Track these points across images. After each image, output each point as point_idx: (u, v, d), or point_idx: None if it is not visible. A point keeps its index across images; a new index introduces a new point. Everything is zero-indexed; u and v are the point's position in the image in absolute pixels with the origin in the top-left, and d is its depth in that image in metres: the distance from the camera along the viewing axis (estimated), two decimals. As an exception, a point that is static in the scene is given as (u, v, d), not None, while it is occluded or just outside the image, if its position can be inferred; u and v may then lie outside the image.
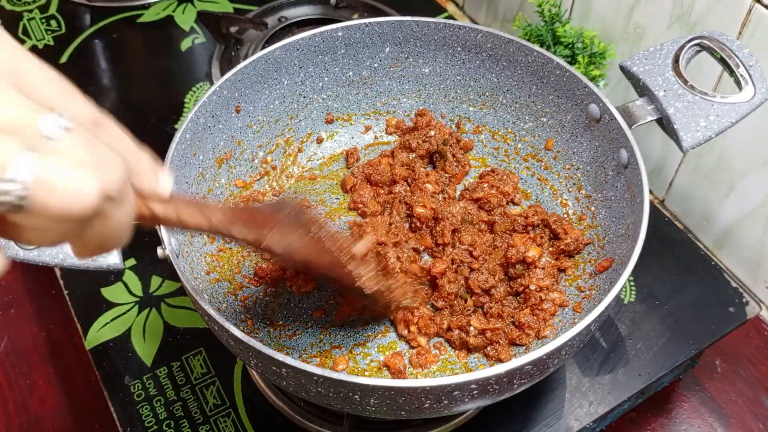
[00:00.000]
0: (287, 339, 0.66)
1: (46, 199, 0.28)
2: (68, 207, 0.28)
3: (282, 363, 0.49)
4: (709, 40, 0.65)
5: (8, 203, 0.27)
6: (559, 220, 0.71)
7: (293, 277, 0.70)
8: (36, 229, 0.29)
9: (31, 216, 0.28)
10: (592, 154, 0.71)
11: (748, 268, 0.86)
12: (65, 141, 0.29)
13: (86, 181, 0.28)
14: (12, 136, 0.27)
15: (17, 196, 0.27)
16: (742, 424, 0.76)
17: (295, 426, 0.68)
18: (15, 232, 0.29)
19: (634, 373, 0.71)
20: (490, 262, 0.69)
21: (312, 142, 0.81)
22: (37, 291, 0.87)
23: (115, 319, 0.75)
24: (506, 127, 0.79)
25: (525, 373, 0.51)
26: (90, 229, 0.31)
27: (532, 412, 0.68)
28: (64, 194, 0.28)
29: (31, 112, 0.28)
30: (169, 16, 1.09)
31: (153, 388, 0.70)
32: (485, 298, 0.67)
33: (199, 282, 0.64)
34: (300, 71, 0.75)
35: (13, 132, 0.27)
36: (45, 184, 0.27)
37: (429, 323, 0.66)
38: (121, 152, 0.33)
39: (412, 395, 0.49)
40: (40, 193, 0.27)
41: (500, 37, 0.73)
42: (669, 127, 0.64)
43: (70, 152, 0.29)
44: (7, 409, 0.77)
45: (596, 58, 0.88)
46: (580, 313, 0.65)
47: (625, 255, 0.58)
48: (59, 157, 0.28)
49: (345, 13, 1.07)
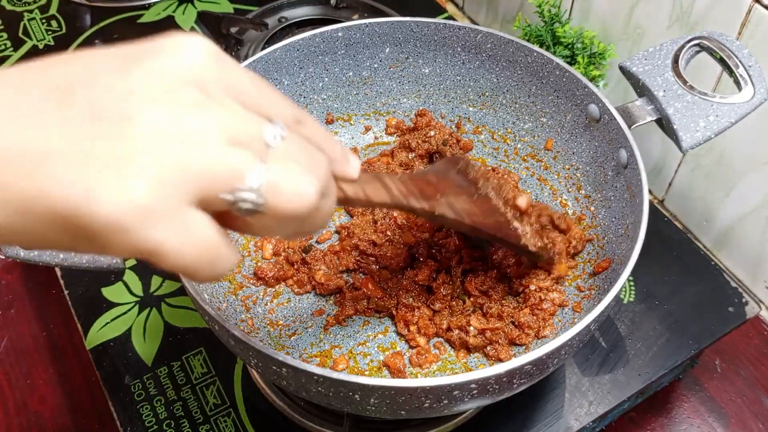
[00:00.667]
0: (287, 339, 0.66)
1: (276, 203, 0.31)
2: (295, 209, 0.32)
3: (282, 363, 0.49)
4: (709, 41, 0.65)
5: (245, 210, 0.31)
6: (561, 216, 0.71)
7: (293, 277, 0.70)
8: (263, 227, 0.33)
9: (262, 218, 0.31)
10: (592, 154, 0.71)
11: (747, 268, 0.86)
12: (283, 147, 0.32)
13: (307, 184, 0.32)
14: (245, 148, 0.30)
15: (253, 203, 0.30)
16: (741, 424, 0.76)
17: (295, 426, 0.68)
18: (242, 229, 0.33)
19: (634, 373, 0.71)
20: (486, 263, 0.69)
21: (312, 143, 0.81)
22: (37, 291, 0.87)
23: (116, 319, 0.75)
24: (506, 127, 0.79)
25: (525, 373, 0.51)
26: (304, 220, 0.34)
27: (532, 412, 0.68)
28: (291, 198, 0.31)
29: (256, 124, 0.31)
30: (169, 17, 1.09)
31: (153, 387, 0.70)
32: (483, 299, 0.67)
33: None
34: (300, 71, 0.75)
35: (244, 144, 0.30)
36: (275, 191, 0.31)
37: (428, 324, 0.66)
38: (321, 145, 0.36)
39: (412, 395, 0.49)
40: (271, 199, 0.31)
41: (500, 37, 0.73)
42: (668, 128, 0.64)
43: (289, 158, 0.32)
44: (7, 409, 0.77)
45: (596, 58, 0.88)
46: (580, 313, 0.65)
47: (625, 255, 0.58)
48: (282, 163, 0.31)
49: (345, 13, 1.07)
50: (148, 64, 0.30)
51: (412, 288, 0.67)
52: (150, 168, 0.28)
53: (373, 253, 0.70)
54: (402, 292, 0.67)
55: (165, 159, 0.28)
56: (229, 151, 0.30)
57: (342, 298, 0.68)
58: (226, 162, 0.30)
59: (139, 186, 0.27)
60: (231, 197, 0.30)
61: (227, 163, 0.30)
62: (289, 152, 0.32)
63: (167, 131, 0.28)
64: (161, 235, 0.28)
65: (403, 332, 0.66)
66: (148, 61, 0.30)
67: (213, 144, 0.29)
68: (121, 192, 0.27)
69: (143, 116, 0.28)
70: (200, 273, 0.31)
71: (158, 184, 0.28)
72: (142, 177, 0.27)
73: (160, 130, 0.28)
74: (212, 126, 0.30)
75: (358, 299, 0.68)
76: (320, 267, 0.70)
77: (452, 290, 0.67)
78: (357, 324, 0.68)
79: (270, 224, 0.32)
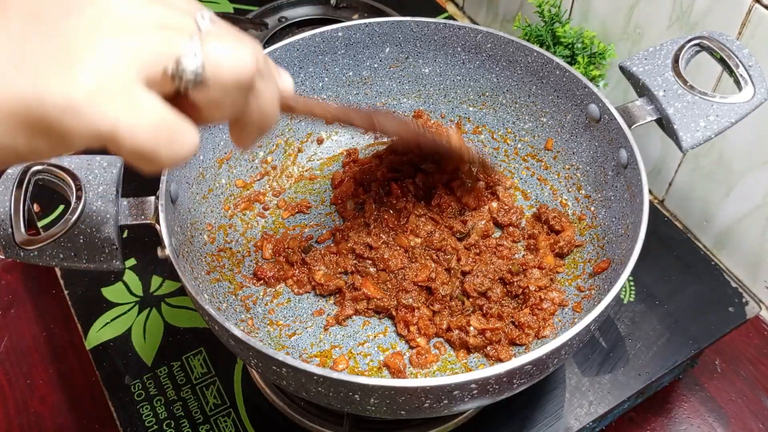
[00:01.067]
0: (287, 339, 0.66)
1: (216, 70, 0.33)
2: (235, 73, 0.34)
3: (282, 363, 0.49)
4: (709, 41, 0.65)
5: (189, 80, 0.33)
6: (558, 216, 0.71)
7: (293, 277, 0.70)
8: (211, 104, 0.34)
9: (207, 89, 0.33)
10: (592, 154, 0.71)
11: (747, 268, 0.86)
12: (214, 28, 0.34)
13: (243, 51, 0.34)
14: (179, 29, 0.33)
15: (195, 72, 0.33)
16: (741, 424, 0.76)
17: (295, 426, 0.68)
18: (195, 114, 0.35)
19: (634, 373, 0.71)
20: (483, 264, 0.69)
21: (312, 142, 0.81)
22: (37, 291, 0.87)
23: (116, 319, 0.75)
24: (506, 127, 0.79)
25: (525, 373, 0.51)
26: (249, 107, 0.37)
27: (532, 412, 0.68)
28: (230, 64, 0.33)
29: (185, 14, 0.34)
30: (169, 17, 1.09)
31: (153, 387, 0.70)
32: (482, 301, 0.67)
33: (199, 282, 0.64)
34: (300, 71, 0.75)
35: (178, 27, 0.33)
36: (213, 59, 0.33)
37: (428, 324, 0.66)
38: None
39: (412, 395, 0.49)
40: (212, 67, 0.33)
41: (500, 37, 0.73)
42: (668, 127, 0.64)
43: (223, 35, 0.34)
44: (7, 409, 0.77)
45: (596, 58, 0.88)
46: (580, 313, 0.65)
47: (625, 255, 0.58)
48: (216, 38, 0.34)
49: (345, 13, 1.07)
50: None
51: (412, 289, 0.67)
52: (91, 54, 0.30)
53: (369, 256, 0.70)
54: (401, 292, 0.67)
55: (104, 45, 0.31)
56: (163, 31, 0.33)
57: (342, 298, 0.68)
58: (161, 38, 0.32)
59: (84, 70, 0.30)
60: (172, 70, 0.32)
61: (163, 39, 0.32)
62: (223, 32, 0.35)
63: (102, 22, 0.31)
64: (114, 114, 0.30)
65: (403, 333, 0.66)
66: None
67: (146, 27, 0.32)
68: (68, 78, 0.30)
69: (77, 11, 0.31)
70: (160, 153, 0.32)
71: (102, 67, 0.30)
72: (85, 62, 0.30)
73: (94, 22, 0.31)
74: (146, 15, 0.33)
75: (358, 300, 0.68)
76: (320, 267, 0.70)
77: (451, 290, 0.67)
78: (357, 324, 0.68)
79: (217, 96, 0.34)
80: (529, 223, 0.73)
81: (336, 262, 0.70)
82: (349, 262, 0.70)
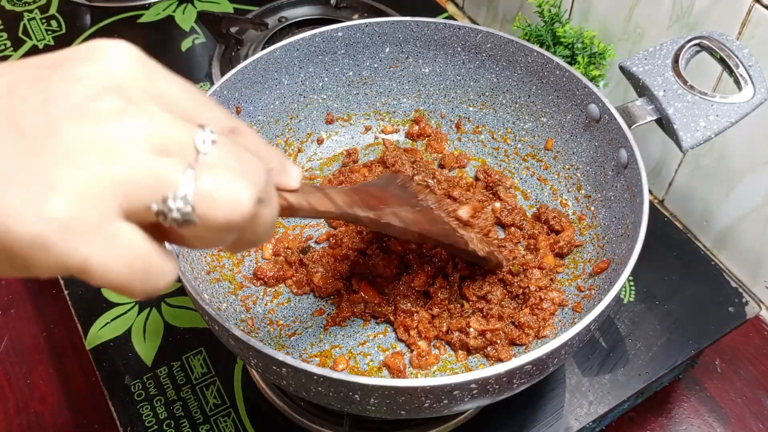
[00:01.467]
0: (287, 339, 0.66)
1: (207, 212, 0.29)
2: (229, 217, 0.30)
3: (282, 363, 0.49)
4: (709, 40, 0.65)
5: (175, 220, 0.29)
6: (558, 216, 0.71)
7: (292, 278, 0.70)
8: (199, 238, 0.31)
9: (194, 228, 0.30)
10: (592, 154, 0.71)
11: (747, 268, 0.86)
12: (214, 153, 0.30)
13: (241, 190, 0.30)
14: (174, 156, 0.29)
15: (182, 212, 0.29)
16: (741, 424, 0.76)
17: (295, 426, 0.68)
18: (179, 241, 0.31)
19: (634, 373, 0.71)
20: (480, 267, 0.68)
21: (312, 143, 0.81)
22: (37, 291, 0.87)
23: (116, 319, 0.75)
24: (506, 127, 0.79)
25: (525, 373, 0.51)
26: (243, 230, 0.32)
27: (532, 412, 0.68)
28: (224, 206, 0.29)
29: (184, 130, 0.30)
30: (169, 17, 1.09)
31: (153, 387, 0.70)
32: (482, 304, 0.66)
33: (199, 282, 0.64)
34: (300, 71, 0.75)
35: (172, 152, 0.29)
36: (206, 199, 0.29)
37: (429, 327, 0.65)
38: (258, 154, 0.34)
39: (412, 395, 0.49)
40: (202, 207, 0.29)
41: (500, 37, 0.73)
42: (669, 127, 0.64)
43: (222, 164, 0.30)
44: (7, 409, 0.77)
45: (596, 58, 0.88)
46: (580, 313, 0.65)
47: (625, 255, 0.58)
48: (213, 170, 0.30)
49: (345, 13, 1.07)
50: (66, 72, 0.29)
51: (410, 293, 0.67)
52: (69, 181, 0.27)
53: (364, 262, 0.69)
54: (399, 297, 0.67)
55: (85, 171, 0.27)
56: (154, 159, 0.28)
57: (339, 300, 0.68)
58: (151, 170, 0.28)
59: (59, 201, 0.26)
60: (158, 207, 0.29)
61: (152, 171, 0.28)
62: (222, 158, 0.30)
63: (86, 142, 0.27)
64: (87, 250, 0.27)
65: (404, 337, 0.66)
66: (66, 69, 0.29)
67: (136, 152, 0.28)
68: (39, 208, 0.26)
69: (61, 128, 0.27)
70: (134, 288, 0.29)
71: (79, 198, 0.27)
72: (61, 191, 0.27)
73: (78, 142, 0.27)
74: (135, 134, 0.28)
75: (356, 302, 0.68)
76: (318, 269, 0.69)
77: (449, 294, 0.67)
78: (357, 324, 0.68)
79: (204, 235, 0.30)
80: (528, 223, 0.73)
81: (334, 266, 0.70)
82: (345, 266, 0.69)
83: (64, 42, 1.05)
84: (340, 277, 0.69)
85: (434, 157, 0.81)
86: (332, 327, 0.67)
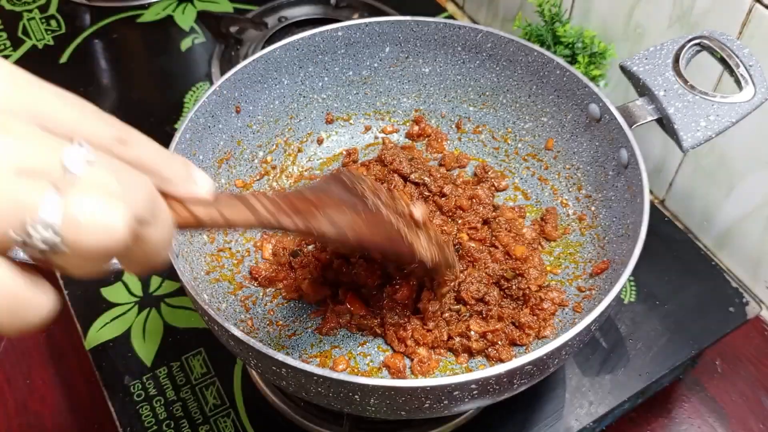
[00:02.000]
0: (287, 339, 0.66)
1: (75, 239, 0.27)
2: (99, 243, 0.27)
3: (282, 363, 0.49)
4: (710, 40, 0.65)
5: (41, 250, 0.27)
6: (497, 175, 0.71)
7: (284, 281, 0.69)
8: (76, 267, 0.28)
9: (65, 257, 0.27)
10: (592, 153, 0.71)
11: (748, 268, 0.86)
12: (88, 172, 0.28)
13: (112, 213, 0.27)
14: (37, 178, 0.26)
15: (47, 241, 0.26)
16: (742, 424, 0.76)
17: (295, 426, 0.68)
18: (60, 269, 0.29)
19: (634, 373, 0.71)
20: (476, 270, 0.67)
21: (312, 142, 0.81)
22: (36, 291, 0.87)
23: (115, 319, 0.75)
24: (506, 126, 0.79)
25: (525, 373, 0.51)
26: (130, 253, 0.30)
27: (532, 412, 0.68)
28: (94, 232, 0.27)
29: (53, 148, 0.27)
30: (169, 16, 1.09)
31: (153, 388, 0.70)
32: (481, 306, 0.66)
33: (199, 282, 0.63)
34: (300, 71, 0.75)
35: (37, 174, 0.27)
36: (74, 225, 0.27)
37: (424, 333, 0.64)
38: (151, 165, 0.32)
39: (412, 395, 0.49)
40: (71, 234, 0.27)
41: (500, 36, 0.73)
42: (669, 127, 0.64)
43: (94, 184, 0.28)
44: (7, 409, 0.77)
45: (596, 58, 0.88)
46: (580, 313, 0.65)
47: (625, 255, 0.58)
48: (83, 192, 0.27)
49: (345, 13, 1.07)
50: None
51: (395, 306, 0.65)
52: None
53: (347, 271, 0.67)
54: (386, 310, 0.65)
55: None
56: (16, 183, 0.26)
57: (325, 310, 0.67)
58: (11, 196, 0.26)
59: None
60: (18, 236, 0.26)
61: (13, 196, 0.26)
62: (97, 177, 0.28)
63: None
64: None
65: (401, 349, 0.65)
66: None
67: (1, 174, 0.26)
68: None
69: None
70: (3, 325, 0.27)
71: None
72: None
73: None
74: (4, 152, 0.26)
75: (342, 314, 0.66)
76: (306, 275, 0.68)
77: (440, 306, 0.65)
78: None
79: (80, 263, 0.28)
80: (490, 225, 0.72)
81: (321, 273, 0.68)
82: (332, 274, 0.68)
83: (63, 42, 1.05)
84: (328, 285, 0.68)
85: (434, 156, 0.81)
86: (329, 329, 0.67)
